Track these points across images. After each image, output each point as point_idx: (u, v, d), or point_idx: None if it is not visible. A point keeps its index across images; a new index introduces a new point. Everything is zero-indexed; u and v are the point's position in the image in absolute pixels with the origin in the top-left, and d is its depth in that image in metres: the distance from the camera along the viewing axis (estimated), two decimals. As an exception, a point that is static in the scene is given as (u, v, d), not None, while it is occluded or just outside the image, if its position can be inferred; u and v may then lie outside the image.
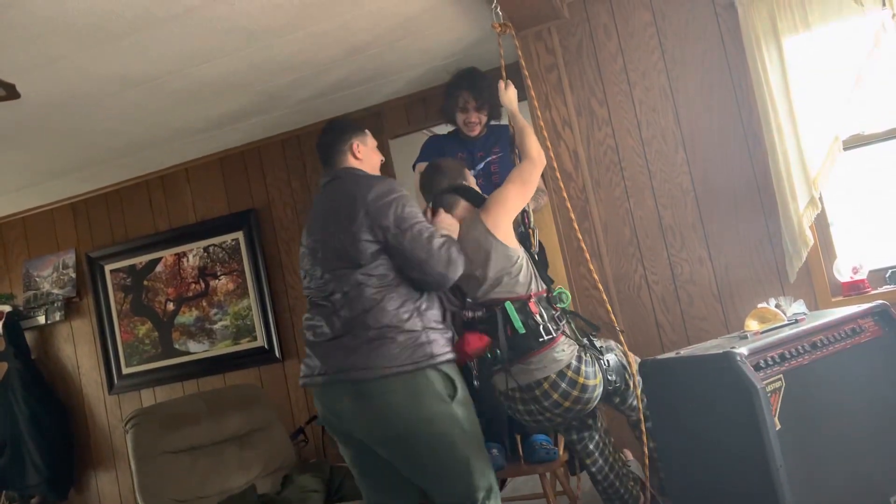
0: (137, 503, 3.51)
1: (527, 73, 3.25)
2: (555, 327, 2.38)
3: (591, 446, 2.60)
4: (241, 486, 3.55)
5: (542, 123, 3.23)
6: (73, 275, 4.88)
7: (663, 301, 3.10)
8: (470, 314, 2.39)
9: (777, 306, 2.65)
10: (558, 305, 2.46)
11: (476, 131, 3.12)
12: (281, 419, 4.08)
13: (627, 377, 2.58)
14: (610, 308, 2.76)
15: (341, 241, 2.25)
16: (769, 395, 2.20)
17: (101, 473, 4.83)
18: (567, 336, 2.42)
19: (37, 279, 4.96)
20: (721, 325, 3.02)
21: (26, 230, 5.06)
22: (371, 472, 2.40)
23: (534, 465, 2.82)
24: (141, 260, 4.75)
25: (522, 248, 2.46)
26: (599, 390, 2.44)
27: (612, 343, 2.61)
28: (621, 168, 3.16)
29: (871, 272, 2.94)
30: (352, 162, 2.40)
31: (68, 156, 4.12)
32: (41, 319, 4.89)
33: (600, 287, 2.78)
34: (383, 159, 2.54)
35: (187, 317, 4.65)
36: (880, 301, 2.56)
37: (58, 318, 4.88)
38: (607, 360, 2.49)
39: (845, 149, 2.83)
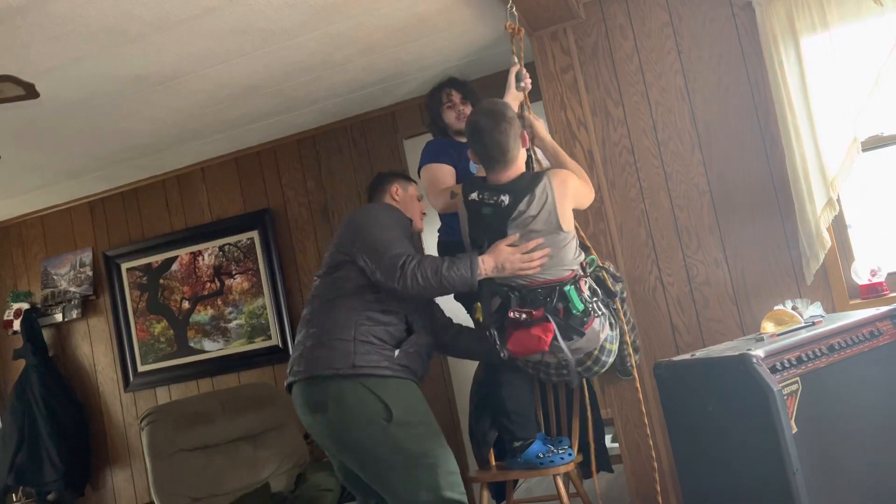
0: (152, 500, 3.54)
1: (541, 74, 3.26)
2: (598, 303, 2.44)
3: None
4: (255, 485, 3.57)
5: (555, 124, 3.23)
6: (90, 273, 4.92)
7: (678, 303, 3.09)
8: (514, 315, 2.37)
9: (794, 308, 2.64)
10: (590, 272, 2.50)
11: None
12: (294, 418, 4.09)
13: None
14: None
15: (331, 251, 2.48)
16: (785, 398, 2.19)
17: (117, 470, 4.86)
18: (602, 307, 2.48)
19: (54, 277, 5.01)
20: (737, 327, 3.00)
21: (44, 229, 5.11)
22: (348, 472, 2.46)
23: (540, 469, 2.81)
24: (157, 259, 4.79)
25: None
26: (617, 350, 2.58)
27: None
28: (637, 169, 3.15)
29: (889, 275, 2.91)
30: (387, 200, 2.63)
31: (86, 155, 4.15)
32: (58, 317, 4.94)
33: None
34: (425, 211, 2.70)
35: (202, 315, 4.67)
36: (899, 304, 2.54)
37: (75, 316, 4.92)
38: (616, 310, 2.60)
39: (864, 150, 2.81)
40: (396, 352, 2.34)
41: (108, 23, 2.64)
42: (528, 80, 2.78)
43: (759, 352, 2.24)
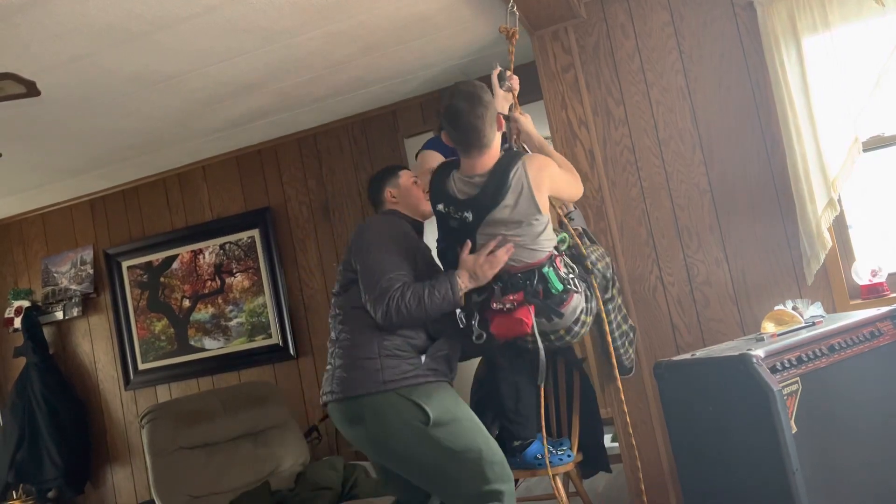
0: (153, 498, 3.54)
1: (542, 73, 3.26)
2: (576, 279, 2.41)
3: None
4: (255, 483, 3.57)
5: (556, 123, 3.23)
6: (91, 271, 4.92)
7: (679, 302, 3.08)
8: (496, 306, 2.36)
9: (794, 309, 2.63)
10: (563, 250, 2.47)
11: None
12: (295, 416, 4.10)
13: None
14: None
15: (340, 269, 2.51)
16: (786, 397, 2.19)
17: (117, 468, 4.87)
18: (579, 282, 2.45)
19: (55, 275, 5.01)
20: (737, 327, 3.00)
21: (45, 227, 5.11)
22: (386, 472, 2.51)
23: (539, 469, 2.81)
24: (158, 257, 4.79)
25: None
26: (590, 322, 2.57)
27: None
28: (637, 168, 3.15)
29: (890, 275, 2.91)
30: (389, 205, 2.62)
31: (87, 153, 4.15)
32: (59, 315, 4.94)
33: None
34: (426, 189, 2.62)
35: (203, 314, 4.68)
36: (899, 304, 2.53)
37: (75, 314, 4.92)
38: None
39: (865, 150, 2.81)
40: (423, 357, 2.36)
41: (109, 21, 2.64)
42: (515, 80, 2.69)
43: (760, 352, 2.24)
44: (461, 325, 2.43)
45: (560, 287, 2.34)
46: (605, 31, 3.19)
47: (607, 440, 3.70)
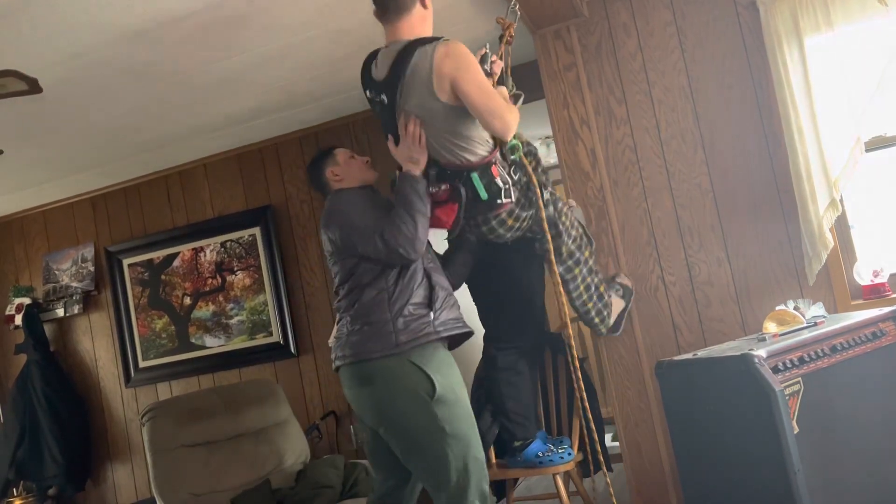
0: (153, 495, 3.54)
1: (545, 72, 3.25)
2: (511, 189, 2.40)
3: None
4: (255, 481, 3.57)
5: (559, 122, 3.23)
6: (92, 268, 4.92)
7: (680, 302, 3.08)
8: (432, 189, 2.39)
9: (796, 309, 2.63)
10: (511, 158, 2.45)
11: None
12: (296, 414, 4.10)
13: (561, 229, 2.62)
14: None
15: (335, 259, 2.51)
16: (787, 398, 2.19)
17: (118, 466, 4.87)
18: (518, 195, 2.45)
19: (56, 272, 5.02)
20: (738, 327, 3.00)
21: (46, 224, 5.11)
22: (378, 450, 2.52)
23: (540, 468, 2.82)
24: (159, 254, 4.79)
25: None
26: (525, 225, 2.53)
27: (558, 198, 2.65)
28: (639, 168, 3.15)
29: (891, 275, 2.91)
30: (335, 185, 2.61)
31: (88, 151, 4.15)
32: (60, 312, 4.95)
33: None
34: (367, 159, 2.66)
35: (204, 311, 4.68)
36: (901, 305, 2.53)
37: (76, 311, 4.93)
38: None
39: (867, 150, 2.80)
40: (432, 314, 2.39)
41: (110, 18, 2.64)
42: (498, 65, 2.58)
43: (761, 352, 2.24)
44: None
45: (485, 196, 2.34)
46: (607, 30, 3.19)
47: (608, 439, 3.70)
